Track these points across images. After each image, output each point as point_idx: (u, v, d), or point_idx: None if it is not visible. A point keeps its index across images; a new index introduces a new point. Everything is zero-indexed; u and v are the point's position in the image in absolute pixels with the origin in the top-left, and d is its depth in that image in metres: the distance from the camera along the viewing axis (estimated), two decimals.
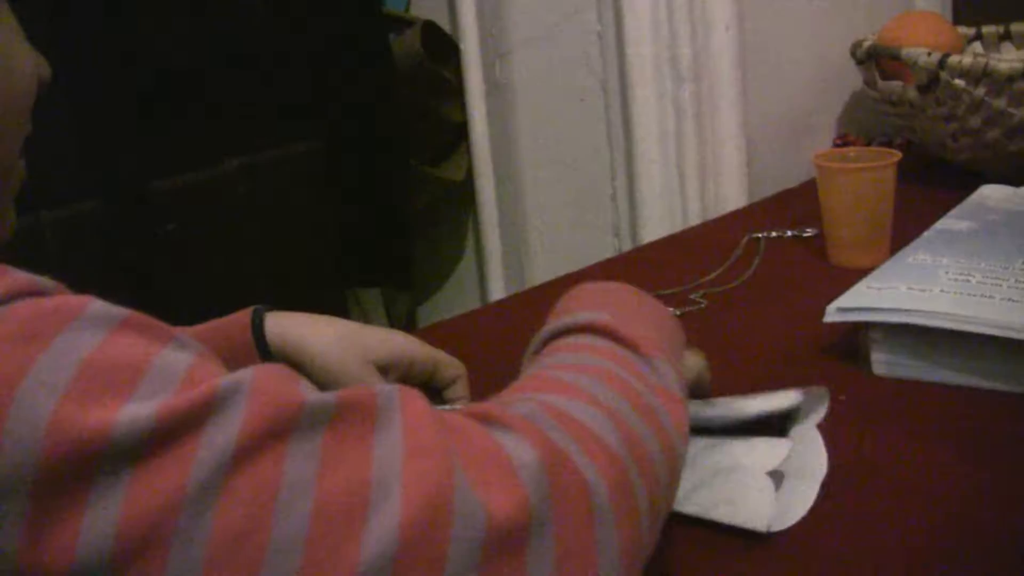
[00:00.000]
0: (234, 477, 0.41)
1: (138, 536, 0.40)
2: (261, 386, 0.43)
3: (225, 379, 0.43)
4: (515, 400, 0.52)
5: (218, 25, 1.42)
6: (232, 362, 0.80)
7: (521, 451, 0.47)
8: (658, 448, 0.53)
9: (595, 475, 0.48)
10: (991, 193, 1.15)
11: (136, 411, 0.40)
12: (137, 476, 0.40)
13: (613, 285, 0.69)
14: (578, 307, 0.64)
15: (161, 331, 0.45)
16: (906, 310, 0.86)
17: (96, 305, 0.44)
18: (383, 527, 0.42)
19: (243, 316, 0.83)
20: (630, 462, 0.51)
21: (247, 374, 0.44)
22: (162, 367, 0.43)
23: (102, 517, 0.39)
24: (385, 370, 0.82)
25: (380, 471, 0.43)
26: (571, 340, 0.60)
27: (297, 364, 0.81)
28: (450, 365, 0.85)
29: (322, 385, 0.81)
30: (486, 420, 0.49)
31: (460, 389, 0.85)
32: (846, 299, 0.90)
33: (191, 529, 0.40)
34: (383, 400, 0.46)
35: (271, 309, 0.83)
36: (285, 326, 0.82)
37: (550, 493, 0.46)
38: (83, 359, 0.41)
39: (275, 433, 0.42)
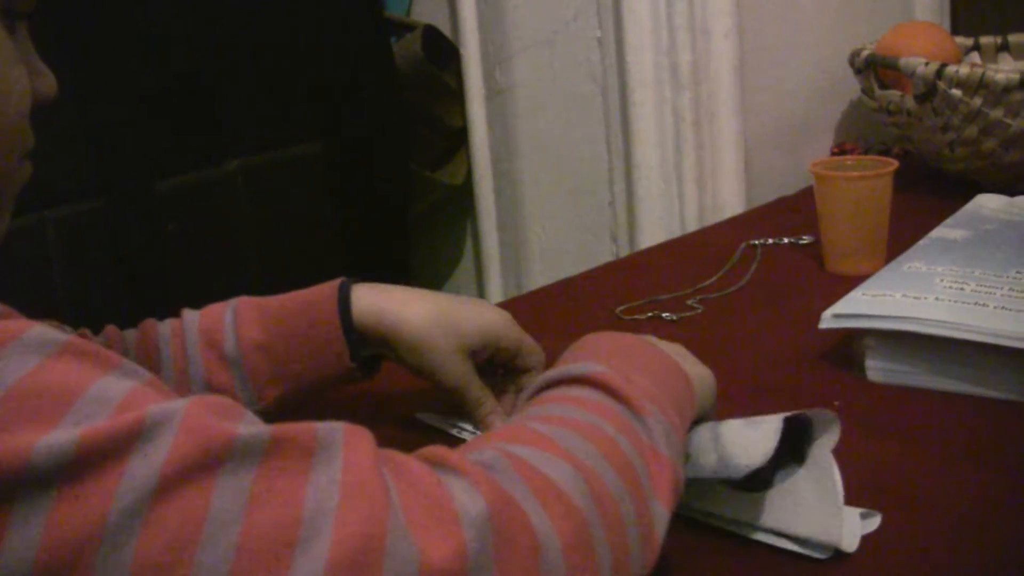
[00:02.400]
0: (157, 508, 0.40)
1: (58, 563, 0.39)
2: (192, 417, 0.42)
3: (154, 408, 0.42)
4: (480, 447, 0.51)
5: (220, 27, 1.43)
6: (312, 339, 0.81)
7: (468, 498, 0.45)
8: (632, 510, 0.52)
9: (548, 529, 0.47)
10: (987, 202, 1.16)
11: (58, 437, 0.40)
12: (59, 502, 0.39)
13: (625, 336, 0.67)
14: (582, 357, 0.63)
15: (104, 358, 0.44)
16: (901, 317, 0.87)
17: (35, 331, 0.43)
18: (310, 566, 0.41)
19: (328, 298, 0.81)
20: (595, 519, 0.49)
21: (180, 404, 0.43)
22: (97, 394, 0.42)
23: (22, 543, 0.39)
24: (474, 351, 0.82)
25: (312, 509, 0.42)
26: (563, 391, 0.59)
27: (388, 340, 0.81)
28: (532, 352, 0.84)
29: (416, 369, 0.81)
30: (439, 464, 0.48)
31: (530, 380, 0.82)
32: (842, 306, 0.91)
33: (112, 559, 0.39)
34: (323, 437, 0.45)
35: (356, 280, 0.83)
36: (379, 302, 0.81)
37: (493, 543, 0.45)
38: (11, 385, 0.41)
39: (202, 465, 0.41)
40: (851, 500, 0.70)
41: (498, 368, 0.86)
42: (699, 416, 0.69)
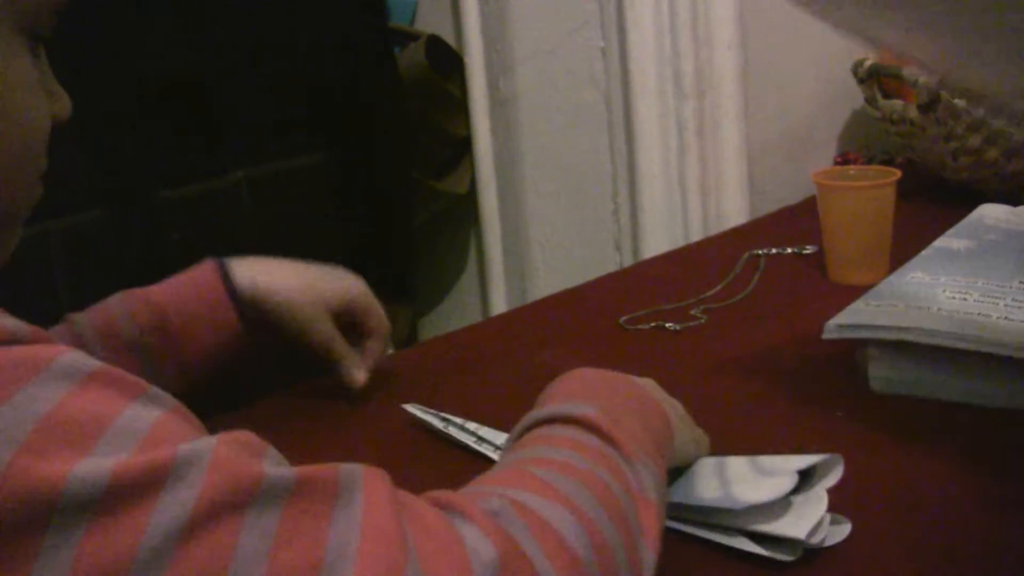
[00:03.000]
0: (186, 546, 0.41)
1: None
2: (222, 456, 0.43)
3: (186, 446, 0.43)
4: (486, 493, 0.53)
5: (224, 37, 1.43)
6: (209, 317, 0.87)
7: (480, 547, 0.47)
8: (625, 557, 0.54)
9: None
10: (990, 212, 1.15)
11: (92, 466, 0.40)
12: (90, 532, 0.40)
13: (606, 374, 0.69)
14: (568, 394, 0.64)
15: (131, 385, 0.45)
16: (904, 327, 0.87)
17: (65, 357, 0.44)
18: None
19: (208, 271, 0.90)
20: (593, 569, 0.51)
21: (209, 443, 0.44)
22: (125, 423, 0.43)
23: (52, 571, 0.39)
24: (336, 314, 0.93)
25: (334, 551, 0.43)
26: (556, 432, 0.60)
27: (260, 305, 0.90)
28: (375, 318, 0.96)
29: (288, 330, 0.91)
30: (450, 510, 0.49)
31: (374, 344, 0.95)
32: (845, 316, 0.91)
33: None
34: (345, 479, 0.46)
35: (226, 257, 0.92)
36: (252, 272, 0.91)
37: None
38: (44, 413, 0.41)
39: (231, 505, 0.42)
40: (853, 508, 0.70)
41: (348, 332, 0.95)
42: (679, 463, 0.71)
